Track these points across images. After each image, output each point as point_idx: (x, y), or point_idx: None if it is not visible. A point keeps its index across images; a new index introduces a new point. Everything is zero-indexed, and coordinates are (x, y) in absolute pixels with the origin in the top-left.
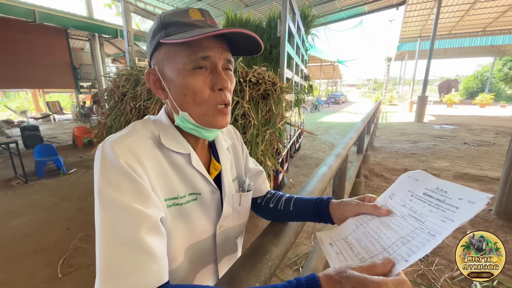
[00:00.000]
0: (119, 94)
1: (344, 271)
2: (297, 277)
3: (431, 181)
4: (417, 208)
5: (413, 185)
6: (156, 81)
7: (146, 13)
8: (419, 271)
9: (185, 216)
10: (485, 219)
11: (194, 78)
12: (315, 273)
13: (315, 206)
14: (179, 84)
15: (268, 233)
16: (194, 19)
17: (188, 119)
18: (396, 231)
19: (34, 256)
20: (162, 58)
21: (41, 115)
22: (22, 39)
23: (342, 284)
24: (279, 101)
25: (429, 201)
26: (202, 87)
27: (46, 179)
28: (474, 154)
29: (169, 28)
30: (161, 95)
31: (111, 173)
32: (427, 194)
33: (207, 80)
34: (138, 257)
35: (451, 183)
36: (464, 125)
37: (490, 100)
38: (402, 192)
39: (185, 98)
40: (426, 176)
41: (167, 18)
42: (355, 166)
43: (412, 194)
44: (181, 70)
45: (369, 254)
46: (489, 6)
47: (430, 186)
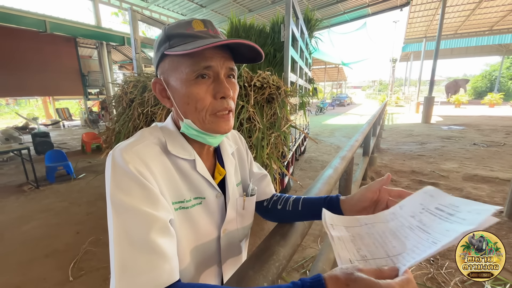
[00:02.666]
0: (127, 100)
1: (352, 273)
2: (302, 278)
3: (445, 198)
4: (426, 221)
5: (426, 200)
6: (162, 90)
7: (153, 21)
8: (428, 274)
9: (190, 219)
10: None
11: (196, 87)
12: (320, 273)
13: (325, 204)
14: (182, 93)
15: (275, 235)
16: (196, 30)
17: (192, 126)
18: (403, 242)
19: (46, 260)
20: (167, 68)
21: (51, 122)
22: (33, 48)
23: (350, 287)
24: (284, 104)
25: (440, 215)
26: (204, 96)
27: (57, 184)
28: (484, 155)
29: (172, 40)
30: (167, 103)
31: (122, 179)
32: (439, 208)
33: (210, 88)
34: (150, 257)
35: (465, 199)
36: (473, 125)
37: (499, 100)
38: (413, 205)
39: (188, 106)
40: (441, 194)
41: (170, 30)
42: (361, 168)
43: (423, 207)
44: (185, 79)
45: (372, 255)
46: (496, 5)
47: (444, 202)
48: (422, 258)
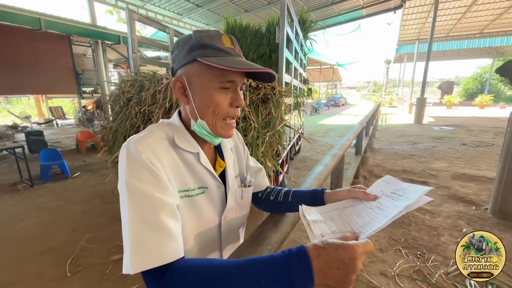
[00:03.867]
0: (124, 99)
1: (326, 240)
2: (289, 248)
3: (398, 184)
4: (383, 202)
5: (385, 187)
6: (180, 88)
7: (150, 21)
8: (415, 267)
9: (194, 206)
10: (481, 217)
11: (219, 95)
12: (303, 244)
13: (311, 196)
14: (205, 97)
15: (268, 222)
16: (226, 46)
17: (204, 127)
18: (364, 218)
19: (42, 257)
20: (194, 72)
21: (44, 120)
22: (26, 46)
23: (326, 249)
24: (278, 104)
25: (393, 197)
26: (223, 103)
27: (51, 182)
28: (472, 155)
29: (206, 50)
30: (183, 100)
31: (136, 167)
32: (394, 192)
33: (227, 97)
34: (160, 236)
35: (412, 184)
36: (463, 126)
37: (489, 101)
38: (375, 191)
39: (208, 109)
40: (396, 181)
41: (205, 40)
42: (353, 167)
43: (383, 193)
44: (209, 86)
45: (340, 229)
46: (486, 8)
47: (397, 187)
48: (377, 228)
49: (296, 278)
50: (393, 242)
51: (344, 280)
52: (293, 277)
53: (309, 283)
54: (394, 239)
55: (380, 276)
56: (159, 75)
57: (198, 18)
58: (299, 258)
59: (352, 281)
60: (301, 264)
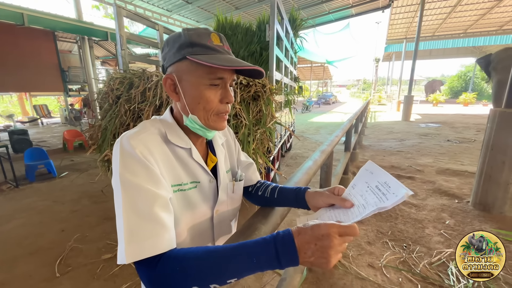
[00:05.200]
0: (113, 97)
1: (308, 223)
2: (278, 231)
3: (382, 176)
4: (368, 198)
5: (369, 177)
6: (171, 85)
7: (138, 17)
8: (401, 259)
9: (187, 200)
10: (463, 210)
11: (209, 92)
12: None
13: (295, 194)
14: (195, 94)
15: (258, 215)
16: (215, 44)
17: (196, 121)
18: (348, 216)
19: (30, 257)
20: (184, 69)
21: (28, 119)
22: (8, 41)
23: (305, 228)
24: (269, 102)
25: (377, 194)
26: (213, 99)
27: (37, 183)
28: (456, 151)
29: (195, 48)
30: (174, 97)
31: (129, 161)
32: (378, 187)
33: (218, 94)
34: (154, 227)
35: (394, 179)
36: (448, 123)
37: (473, 99)
38: (361, 183)
39: (198, 105)
40: (378, 170)
41: (194, 38)
42: (342, 163)
43: (368, 186)
44: (199, 83)
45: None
46: (469, 9)
47: (381, 180)
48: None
49: (282, 254)
50: (380, 235)
51: (323, 256)
52: (279, 252)
53: (293, 259)
54: (382, 232)
55: (368, 268)
56: (149, 73)
57: (188, 15)
58: (284, 237)
59: (330, 257)
60: (285, 242)
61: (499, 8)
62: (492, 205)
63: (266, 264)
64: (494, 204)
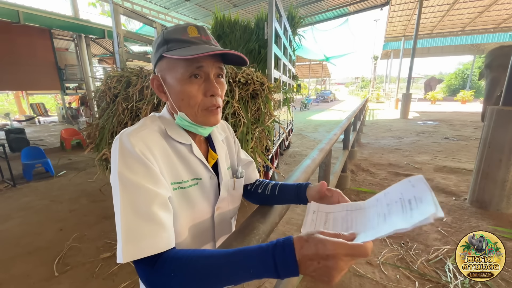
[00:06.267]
0: (110, 96)
1: (312, 233)
2: (278, 239)
3: (421, 190)
4: (393, 210)
5: (407, 189)
6: (159, 86)
7: (136, 15)
8: (399, 256)
9: (188, 198)
10: (460, 207)
11: (190, 86)
12: (291, 235)
13: (296, 190)
14: (178, 90)
15: (256, 214)
16: (191, 36)
17: (185, 118)
18: (365, 224)
19: (28, 257)
20: (164, 68)
21: (25, 118)
22: (4, 39)
23: (308, 242)
24: (267, 100)
25: (405, 208)
26: (196, 93)
27: (35, 182)
28: (454, 148)
29: (170, 44)
30: (163, 97)
31: (129, 159)
32: (410, 201)
33: (201, 87)
34: (152, 226)
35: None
36: (446, 121)
37: (470, 97)
38: (395, 193)
39: (183, 102)
40: (421, 184)
41: (168, 34)
42: (341, 161)
43: (401, 197)
44: (180, 79)
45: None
46: (467, 7)
47: (418, 195)
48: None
49: (280, 266)
50: None
51: (325, 275)
52: (278, 265)
53: (293, 272)
54: None
55: (365, 265)
56: (146, 71)
57: (186, 12)
58: (284, 248)
59: (333, 277)
60: (285, 253)
61: (497, 5)
62: (489, 203)
63: (263, 275)
64: (491, 202)
